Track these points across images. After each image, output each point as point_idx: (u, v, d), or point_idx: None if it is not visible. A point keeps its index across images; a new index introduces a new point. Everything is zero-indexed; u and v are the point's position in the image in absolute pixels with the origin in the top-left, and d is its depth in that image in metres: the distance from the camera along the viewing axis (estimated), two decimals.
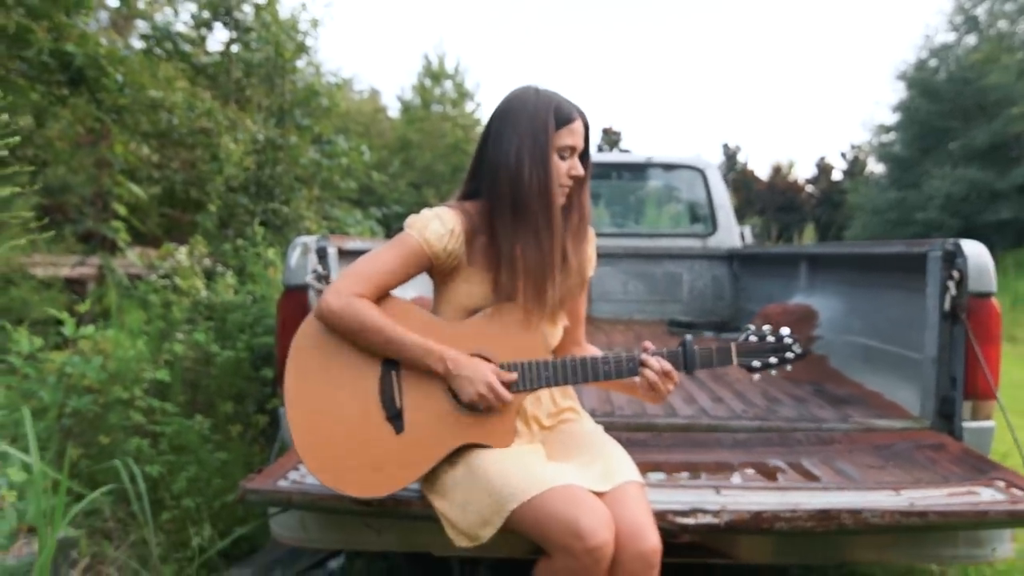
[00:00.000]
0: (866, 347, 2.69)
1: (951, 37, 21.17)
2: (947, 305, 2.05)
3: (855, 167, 30.41)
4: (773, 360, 1.59)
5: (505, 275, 1.55)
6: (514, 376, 1.53)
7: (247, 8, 6.49)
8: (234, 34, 6.56)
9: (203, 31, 6.70)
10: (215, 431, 3.39)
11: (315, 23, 7.20)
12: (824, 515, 1.56)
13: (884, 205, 21.42)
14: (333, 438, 1.49)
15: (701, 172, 4.82)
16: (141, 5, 6.27)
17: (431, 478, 1.55)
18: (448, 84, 23.92)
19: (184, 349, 3.74)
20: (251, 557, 2.92)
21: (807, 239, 12.07)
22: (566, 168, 1.58)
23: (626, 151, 38.17)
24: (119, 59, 3.87)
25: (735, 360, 1.59)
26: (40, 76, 3.89)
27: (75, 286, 5.20)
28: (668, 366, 1.56)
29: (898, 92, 22.32)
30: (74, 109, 4.03)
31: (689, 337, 1.61)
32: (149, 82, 4.18)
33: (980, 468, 1.83)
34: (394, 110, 25.48)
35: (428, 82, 23.76)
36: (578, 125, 1.60)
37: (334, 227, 6.96)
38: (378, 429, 1.51)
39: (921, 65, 21.46)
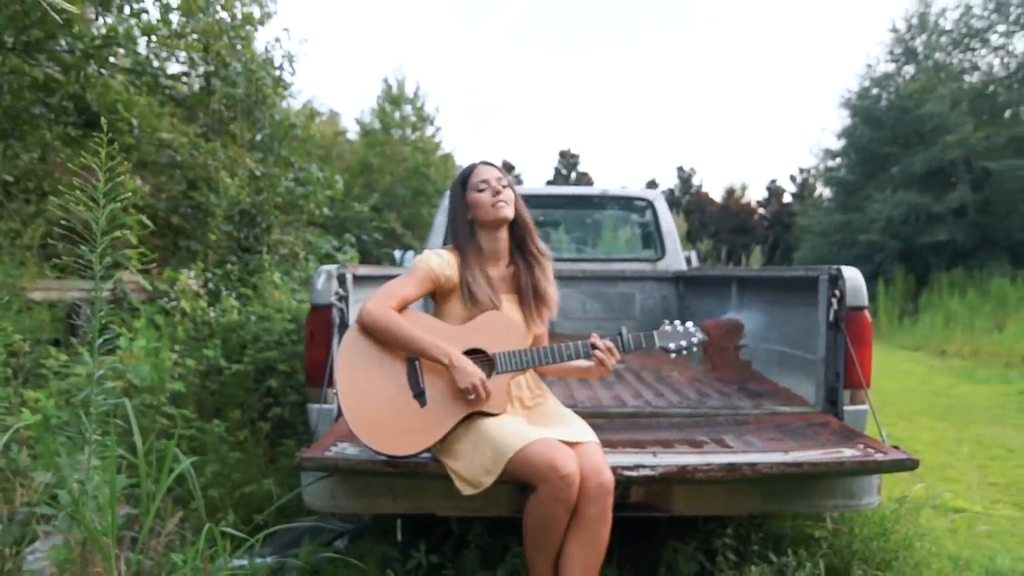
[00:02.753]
0: (780, 352, 3.31)
1: (891, 67, 22.45)
2: (831, 317, 2.67)
3: (804, 190, 31.65)
4: (684, 343, 2.22)
5: (478, 290, 2.20)
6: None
7: (226, 40, 6.94)
8: (211, 67, 7.01)
9: (183, 66, 7.13)
10: (228, 434, 3.88)
11: (291, 59, 7.72)
12: (731, 467, 2.14)
13: (830, 228, 22.48)
14: (374, 411, 2.06)
15: (651, 203, 5.47)
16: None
17: (444, 443, 2.11)
18: (408, 108, 24.44)
19: (195, 363, 4.22)
20: (269, 539, 3.40)
21: (754, 261, 12.91)
22: (488, 196, 2.28)
23: (584, 173, 39.15)
24: (133, 104, 4.34)
25: (657, 343, 2.21)
26: (58, 118, 4.35)
27: (78, 308, 5.59)
28: (611, 344, 2.22)
29: (843, 119, 23.50)
30: (85, 147, 4.46)
31: (624, 328, 2.23)
32: (159, 125, 4.66)
33: (849, 437, 2.44)
34: (353, 132, 25.95)
35: (388, 106, 24.22)
36: (480, 168, 2.35)
37: (315, 253, 7.43)
38: (407, 403, 2.08)
39: (864, 94, 22.64)
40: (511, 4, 47.50)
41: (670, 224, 5.40)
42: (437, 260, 2.24)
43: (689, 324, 2.27)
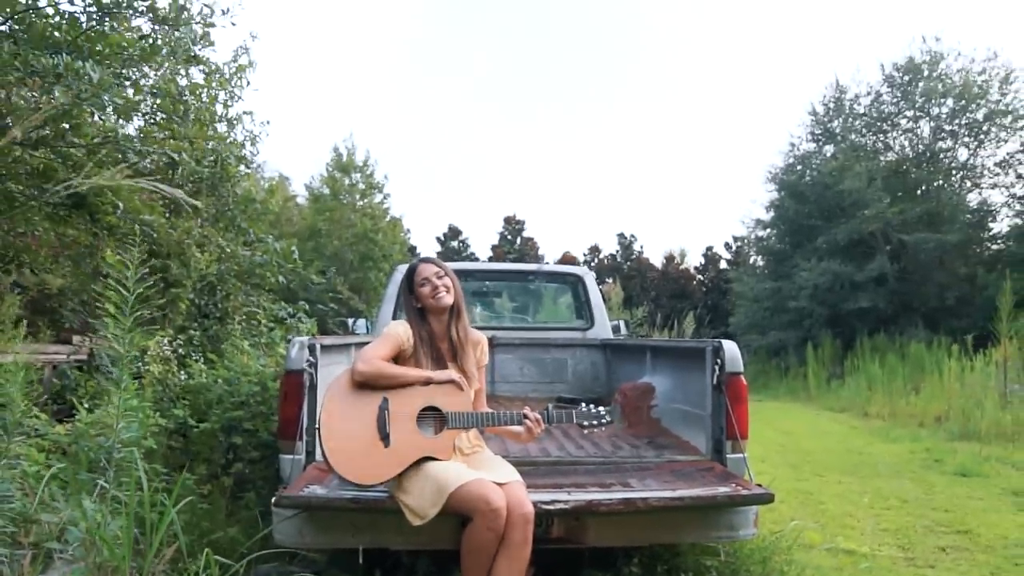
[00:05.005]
0: (682, 410, 3.91)
1: (812, 146, 24.15)
2: (715, 380, 3.29)
3: (739, 257, 33.06)
4: (595, 422, 2.83)
5: (427, 360, 2.80)
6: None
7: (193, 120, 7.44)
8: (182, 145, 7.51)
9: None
10: (196, 486, 4.28)
11: (254, 140, 8.27)
12: (628, 501, 2.71)
13: (763, 294, 23.69)
14: (348, 448, 2.61)
15: (581, 279, 6.14)
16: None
17: (399, 480, 2.62)
18: (357, 176, 25.06)
19: (166, 422, 4.62)
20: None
21: (688, 327, 13.82)
22: (428, 290, 2.95)
23: (529, 238, 40.23)
24: (120, 188, 4.81)
25: (575, 420, 2.80)
26: (48, 201, 4.79)
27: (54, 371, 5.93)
28: (539, 417, 2.82)
29: (770, 193, 25.00)
30: (71, 224, 4.92)
31: (551, 405, 2.81)
32: (141, 207, 5.12)
33: (727, 479, 3.03)
34: (302, 197, 26.40)
35: (338, 174, 24.79)
36: (421, 268, 3.02)
37: (269, 318, 7.85)
38: (374, 444, 2.64)
39: (789, 169, 24.20)
40: (460, 73, 49.28)
41: (598, 298, 6.05)
42: (403, 329, 2.89)
43: (601, 408, 2.88)
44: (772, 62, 46.86)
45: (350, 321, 6.48)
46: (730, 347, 3.29)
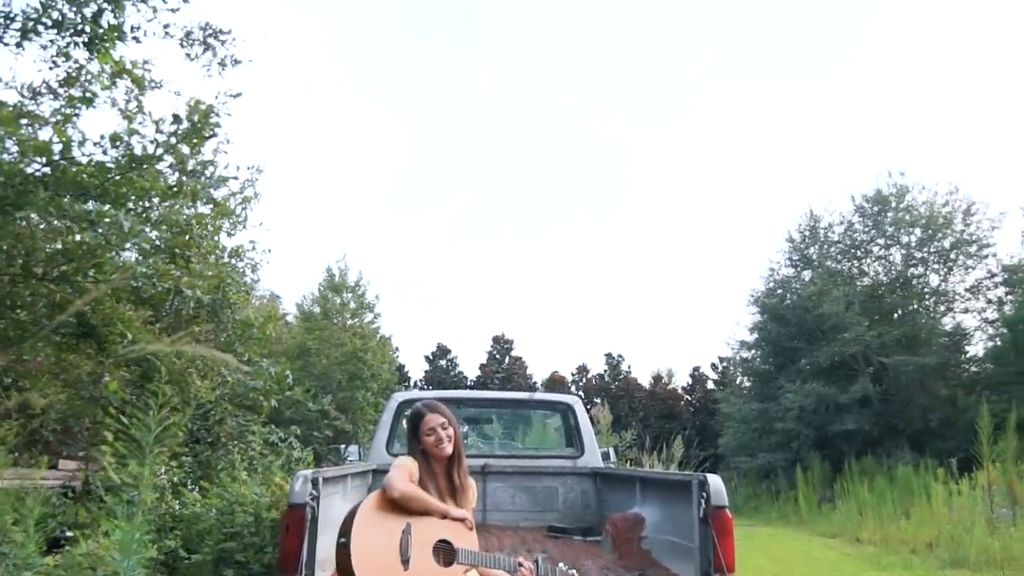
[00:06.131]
0: (672, 541, 4.01)
1: (791, 271, 24.93)
2: (701, 513, 3.43)
3: (725, 378, 33.26)
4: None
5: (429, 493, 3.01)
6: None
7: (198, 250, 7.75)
8: (183, 274, 7.77)
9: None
10: None
11: (255, 267, 8.58)
12: None
13: (750, 415, 23.77)
14: (372, 561, 2.76)
15: (571, 407, 6.30)
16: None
17: None
18: (348, 295, 25.42)
19: (157, 552, 4.64)
20: None
21: (676, 450, 13.84)
22: (434, 440, 3.16)
23: (517, 358, 40.34)
24: (131, 321, 5.03)
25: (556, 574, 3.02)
26: (57, 329, 4.99)
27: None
28: (531, 567, 3.03)
29: (753, 315, 25.55)
30: (78, 351, 5.09)
31: (540, 557, 2.98)
32: (149, 338, 5.32)
33: None
34: (292, 315, 26.56)
35: (330, 294, 25.15)
36: (428, 417, 3.22)
37: (265, 443, 7.90)
38: (395, 563, 2.82)
39: (770, 293, 24.87)
40: (451, 196, 50.92)
41: (588, 425, 6.20)
42: (411, 464, 3.09)
43: (573, 571, 3.10)
44: (751, 188, 48.86)
45: (342, 447, 6.56)
46: (715, 481, 3.45)
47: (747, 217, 50.44)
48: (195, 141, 4.80)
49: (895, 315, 22.70)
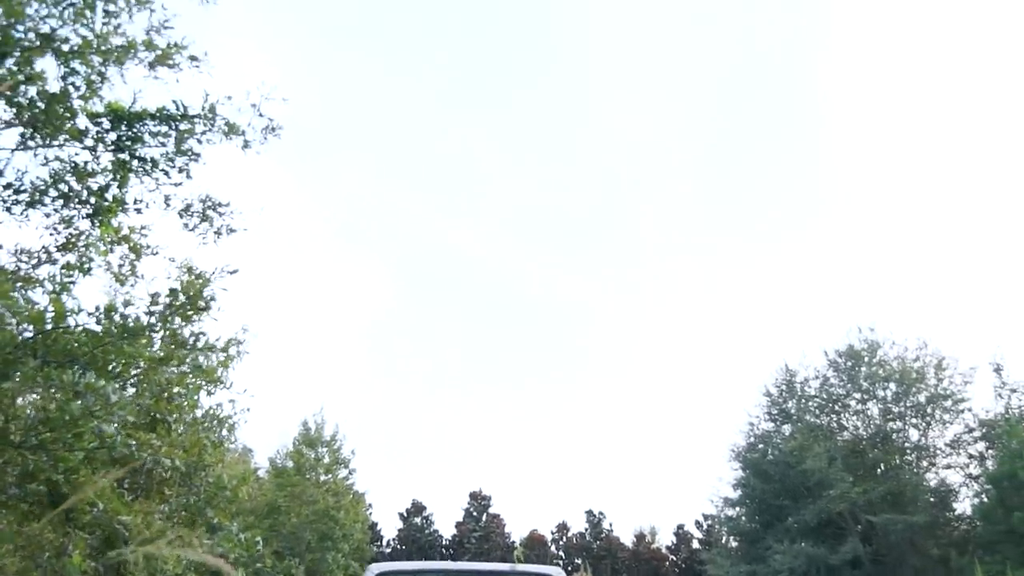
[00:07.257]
0: None
1: (771, 425, 24.88)
2: None
3: (711, 536, 32.28)
4: None
5: None
6: None
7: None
8: (163, 444, 7.58)
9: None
10: None
11: (232, 427, 8.43)
12: None
13: None
14: None
15: None
16: None
17: None
18: (323, 450, 24.76)
19: None
20: None
21: None
22: None
23: (495, 515, 38.92)
24: (100, 489, 4.87)
25: None
26: (26, 497, 4.81)
27: None
28: None
29: (735, 471, 25.17)
30: (41, 521, 4.88)
31: None
32: (121, 509, 5.14)
33: None
34: (264, 470, 25.62)
35: (305, 449, 24.51)
36: None
37: None
38: None
39: (751, 448, 24.66)
40: (427, 355, 51.30)
41: None
42: None
43: None
44: (725, 343, 49.70)
45: None
46: None
47: (723, 371, 50.89)
48: (190, 313, 4.87)
49: (878, 471, 22.53)
